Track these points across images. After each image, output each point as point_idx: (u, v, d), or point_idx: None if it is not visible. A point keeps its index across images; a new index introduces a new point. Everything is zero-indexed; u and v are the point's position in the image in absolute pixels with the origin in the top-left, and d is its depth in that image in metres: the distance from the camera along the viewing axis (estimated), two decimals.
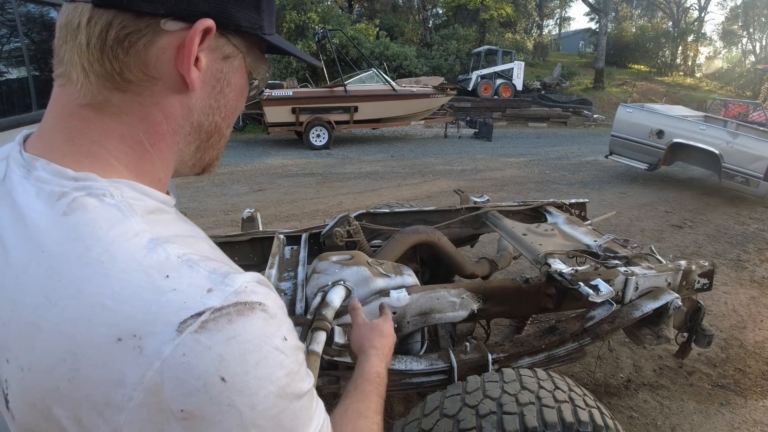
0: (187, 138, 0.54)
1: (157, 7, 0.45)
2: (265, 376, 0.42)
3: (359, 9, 26.72)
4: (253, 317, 0.42)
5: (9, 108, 1.69)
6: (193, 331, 0.39)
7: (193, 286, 0.41)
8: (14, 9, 1.78)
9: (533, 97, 18.66)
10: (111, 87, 0.47)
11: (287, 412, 0.44)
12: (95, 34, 0.45)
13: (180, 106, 0.51)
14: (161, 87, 0.49)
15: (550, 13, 39.81)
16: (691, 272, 2.05)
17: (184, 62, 0.48)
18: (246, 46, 0.54)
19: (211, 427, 0.39)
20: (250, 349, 0.41)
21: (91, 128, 0.48)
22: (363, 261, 1.80)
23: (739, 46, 36.99)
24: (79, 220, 0.43)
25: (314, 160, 9.76)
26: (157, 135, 0.51)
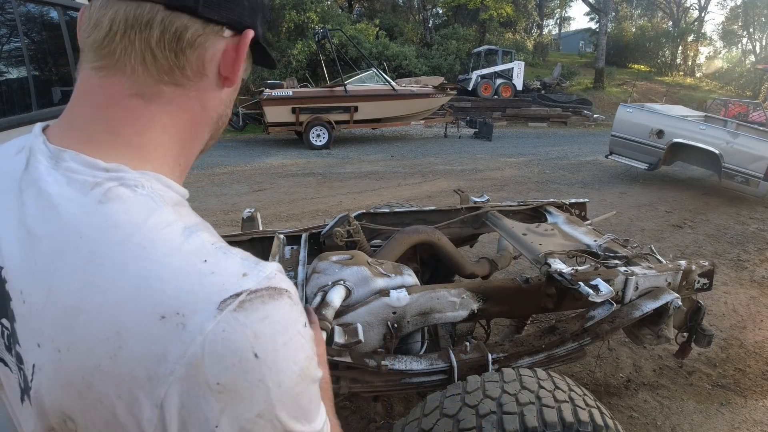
0: (210, 126, 0.60)
1: (220, 17, 0.52)
2: (290, 356, 0.45)
3: (359, 9, 26.72)
4: (282, 302, 0.46)
5: (9, 108, 1.69)
6: (232, 310, 0.42)
7: (229, 270, 0.45)
8: (14, 9, 1.78)
9: (533, 97, 18.66)
10: (167, 80, 0.51)
11: (305, 394, 0.47)
12: (170, 32, 0.49)
13: (215, 100, 0.57)
14: (206, 83, 0.54)
15: (550, 12, 39.81)
16: (691, 272, 2.05)
17: (236, 63, 0.55)
18: (249, 52, 0.60)
19: (243, 402, 0.42)
20: (280, 330, 0.44)
21: (136, 118, 0.51)
22: (363, 261, 1.80)
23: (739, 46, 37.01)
24: (117, 209, 0.46)
25: (314, 159, 9.76)
26: (193, 124, 0.56)
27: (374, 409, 2.40)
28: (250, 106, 11.59)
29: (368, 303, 1.68)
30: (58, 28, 2.14)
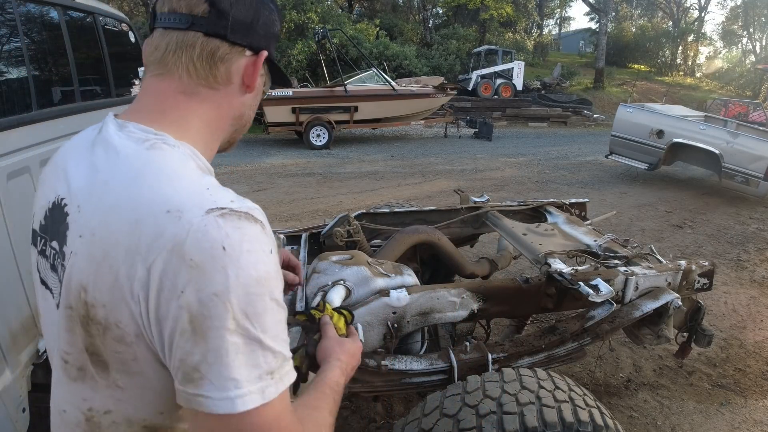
0: (233, 122, 0.79)
1: (243, 42, 0.72)
2: (252, 261, 0.59)
3: (359, 9, 26.71)
4: (255, 225, 0.62)
5: (9, 108, 1.69)
6: (215, 216, 0.58)
7: (222, 196, 0.63)
8: (14, 9, 1.78)
9: (533, 97, 18.65)
10: (204, 84, 0.72)
11: (261, 302, 0.59)
12: (206, 51, 0.70)
13: (239, 101, 0.77)
14: (232, 89, 0.75)
15: (550, 12, 39.78)
16: (691, 272, 2.05)
17: (253, 75, 0.75)
18: (267, 70, 0.82)
19: (205, 278, 0.56)
20: (247, 239, 0.59)
21: (181, 107, 0.72)
22: (363, 261, 1.80)
23: (739, 46, 36.99)
24: (158, 155, 0.65)
25: (314, 159, 9.76)
26: (221, 118, 0.76)
27: (374, 409, 2.40)
28: None
29: (368, 303, 1.68)
30: (58, 28, 2.13)
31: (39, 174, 1.84)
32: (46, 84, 2.00)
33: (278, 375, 0.60)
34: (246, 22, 0.72)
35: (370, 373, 1.66)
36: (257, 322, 0.58)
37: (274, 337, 0.61)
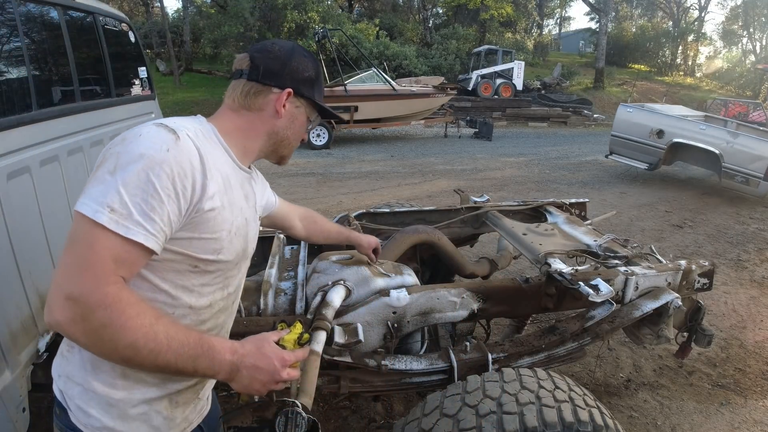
0: (268, 137, 1.08)
1: (270, 83, 1.03)
2: (144, 144, 0.84)
3: (359, 8, 26.70)
4: (171, 134, 0.87)
5: (9, 108, 1.69)
6: (154, 125, 0.89)
7: (175, 121, 0.93)
8: (14, 9, 1.78)
9: (533, 97, 18.64)
10: (244, 107, 1.04)
11: (133, 167, 0.82)
12: (245, 89, 1.03)
13: (270, 123, 1.06)
14: (264, 113, 1.04)
15: (550, 12, 39.78)
16: (691, 272, 2.05)
17: (278, 105, 1.04)
18: (307, 104, 1.10)
19: (120, 143, 0.86)
20: (154, 135, 0.86)
21: (224, 115, 1.05)
22: (363, 260, 1.80)
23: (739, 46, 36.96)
24: (193, 120, 0.99)
25: (314, 159, 9.76)
26: (253, 129, 1.05)
27: (374, 408, 2.40)
28: None
29: (368, 303, 1.68)
30: (58, 28, 2.13)
31: (39, 174, 1.84)
32: (46, 84, 1.99)
33: (117, 217, 0.79)
34: (274, 70, 1.03)
35: (370, 373, 1.66)
36: (121, 176, 0.81)
37: (132, 196, 0.80)
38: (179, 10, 25.75)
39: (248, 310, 1.72)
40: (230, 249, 1.00)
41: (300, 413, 0.92)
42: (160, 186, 0.82)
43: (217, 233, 0.94)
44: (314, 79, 1.09)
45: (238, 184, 1.04)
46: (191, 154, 0.88)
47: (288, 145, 1.12)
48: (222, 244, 0.96)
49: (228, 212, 0.97)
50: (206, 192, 0.89)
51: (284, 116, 1.05)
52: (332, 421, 2.34)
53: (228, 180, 0.98)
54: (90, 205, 0.80)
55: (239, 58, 1.07)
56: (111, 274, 0.79)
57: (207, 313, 1.02)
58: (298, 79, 1.05)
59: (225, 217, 0.96)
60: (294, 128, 1.09)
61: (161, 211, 0.82)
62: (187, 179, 0.86)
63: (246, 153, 1.06)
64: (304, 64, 1.07)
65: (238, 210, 1.02)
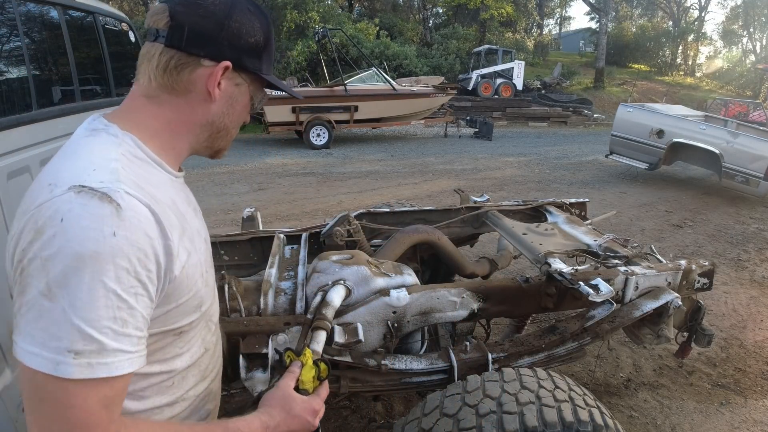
0: (203, 128, 0.83)
1: (200, 51, 0.77)
2: (81, 237, 0.62)
3: (359, 8, 26.69)
4: (107, 206, 0.64)
5: (9, 108, 1.69)
6: (73, 191, 0.64)
7: (97, 176, 0.67)
8: (14, 9, 1.78)
9: (533, 97, 18.63)
10: (165, 90, 0.78)
11: (77, 276, 0.61)
12: (163, 61, 0.76)
13: (203, 108, 0.81)
14: (194, 96, 0.79)
15: (551, 12, 39.76)
16: (691, 272, 2.05)
17: (211, 83, 0.78)
18: (250, 79, 0.84)
19: (39, 241, 0.63)
20: (88, 217, 0.63)
21: (142, 109, 0.79)
22: (363, 260, 1.80)
23: (739, 46, 36.95)
24: (90, 140, 0.75)
25: (314, 159, 9.76)
26: (183, 122, 0.81)
27: (374, 408, 2.40)
28: None
29: (368, 302, 1.68)
30: (59, 28, 2.13)
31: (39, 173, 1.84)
32: (46, 84, 1.99)
33: (86, 360, 0.60)
34: (205, 33, 0.76)
35: (370, 373, 1.66)
36: (67, 300, 0.60)
37: (90, 320, 0.61)
38: None
39: (248, 310, 1.72)
40: (208, 291, 0.85)
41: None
42: (123, 289, 0.63)
43: (192, 288, 0.78)
44: (263, 46, 0.82)
45: (185, 201, 0.84)
46: (144, 221, 0.67)
47: (226, 135, 0.87)
48: (200, 294, 0.81)
49: (195, 255, 0.79)
50: (172, 255, 0.71)
51: (220, 99, 0.80)
52: (332, 420, 2.34)
53: (177, 208, 0.78)
54: (42, 356, 0.59)
55: (155, 11, 0.77)
56: (107, 422, 0.64)
57: (205, 360, 0.89)
58: (240, 47, 0.78)
59: (194, 264, 0.78)
60: (233, 114, 0.84)
61: (134, 318, 0.65)
62: (150, 259, 0.67)
63: (177, 155, 0.83)
64: (249, 25, 0.79)
65: (198, 238, 0.83)
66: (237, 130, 0.90)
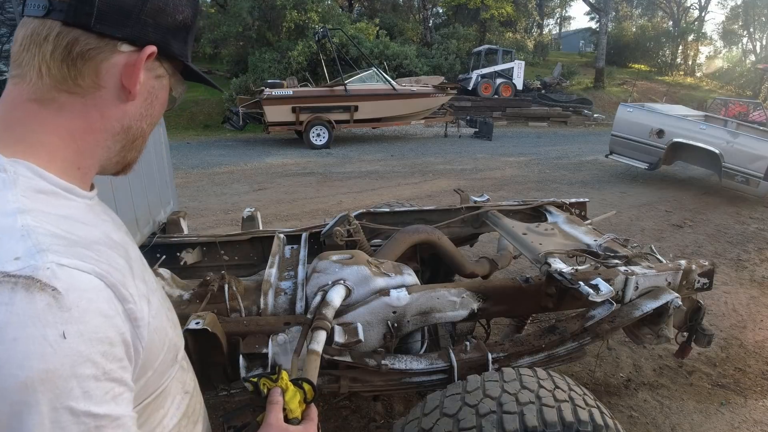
0: (116, 137, 0.63)
1: (116, 33, 0.57)
2: (15, 357, 0.42)
3: (359, 8, 26.70)
4: (36, 297, 0.44)
5: None
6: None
7: (9, 250, 0.46)
8: (14, 9, 1.78)
9: (533, 97, 18.64)
10: (61, 89, 0.57)
11: (28, 412, 0.42)
12: (61, 46, 0.55)
13: (117, 110, 0.61)
14: (104, 93, 0.59)
15: (551, 12, 39.77)
16: (691, 272, 2.05)
17: (132, 77, 0.59)
18: (172, 70, 0.67)
19: None
20: (14, 323, 0.43)
21: (31, 119, 0.57)
22: (363, 260, 1.80)
23: (739, 46, 36.98)
24: None
25: (314, 159, 9.76)
26: (89, 130, 0.60)
27: (374, 408, 2.40)
28: (251, 105, 11.58)
29: (368, 302, 1.68)
30: None
31: None
32: None
33: None
34: (122, 7, 0.56)
35: (370, 373, 1.66)
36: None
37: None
38: None
39: (248, 310, 1.72)
40: (177, 331, 0.71)
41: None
42: (97, 402, 0.47)
43: (164, 340, 0.63)
44: (190, 26, 0.65)
45: (112, 226, 0.65)
46: (95, 298, 0.49)
47: (142, 143, 0.67)
48: (173, 342, 0.67)
49: (152, 295, 0.62)
50: (137, 320, 0.55)
51: (140, 96, 0.61)
52: (332, 420, 2.34)
53: (113, 241, 0.60)
54: None
55: None
56: None
57: (191, 405, 0.76)
58: (167, 27, 0.61)
59: (156, 308, 0.61)
60: (152, 115, 0.66)
61: (123, 426, 0.50)
62: (117, 345, 0.50)
63: (83, 176, 0.61)
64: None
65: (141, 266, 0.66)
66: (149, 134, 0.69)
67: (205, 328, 1.45)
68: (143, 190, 2.21)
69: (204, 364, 1.57)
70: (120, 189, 1.94)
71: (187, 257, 2.30)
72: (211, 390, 1.65)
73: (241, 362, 1.53)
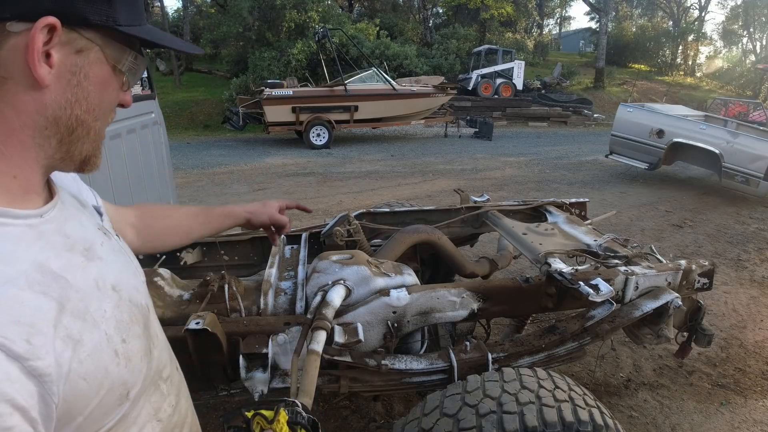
0: (43, 132, 0.53)
1: (2, 12, 0.47)
2: None
3: (359, 8, 26.70)
4: None
5: None
6: None
7: None
8: None
9: (533, 97, 18.64)
10: None
11: None
12: None
13: (32, 101, 0.51)
14: (12, 85, 0.50)
15: (551, 12, 39.77)
16: (691, 272, 2.05)
17: (32, 57, 0.48)
18: (102, 38, 0.54)
19: None
20: None
21: None
22: (363, 260, 1.80)
23: (739, 46, 36.98)
24: None
25: (314, 159, 9.76)
26: (8, 131, 0.51)
27: (374, 408, 2.40)
28: (250, 105, 11.59)
29: (368, 302, 1.68)
30: None
31: None
32: None
33: None
34: None
35: (370, 373, 1.66)
36: None
37: None
38: (179, 9, 25.75)
39: (248, 310, 1.72)
40: (136, 364, 0.60)
41: (300, 413, 0.91)
42: None
43: (104, 382, 0.53)
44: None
45: (64, 249, 0.55)
46: None
47: (87, 133, 0.57)
48: (122, 379, 0.56)
49: (91, 333, 0.52)
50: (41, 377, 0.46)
51: (54, 79, 0.51)
52: (332, 420, 2.34)
53: (49, 270, 0.51)
54: None
55: None
56: None
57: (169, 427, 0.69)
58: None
59: (92, 348, 0.52)
60: (88, 96, 0.55)
61: None
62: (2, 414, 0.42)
63: (25, 185, 0.54)
64: None
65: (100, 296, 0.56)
66: (106, 122, 0.59)
67: (205, 328, 1.45)
68: (143, 190, 2.21)
69: (204, 364, 1.57)
70: (120, 189, 1.94)
71: (187, 257, 2.30)
72: (211, 390, 1.65)
73: (241, 362, 1.53)
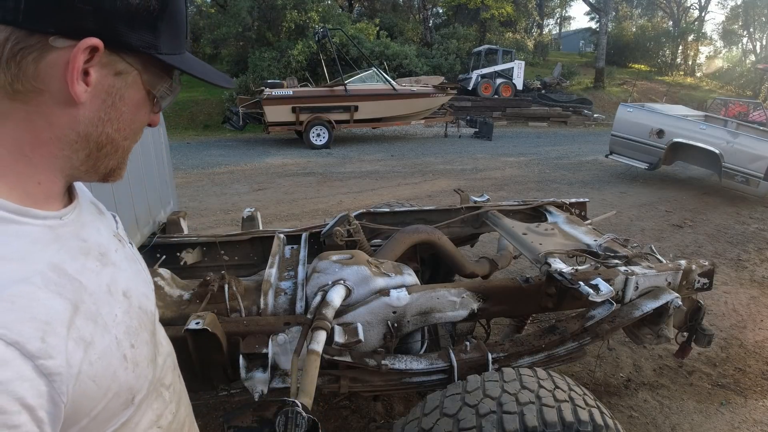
0: (73, 146, 0.56)
1: (47, 26, 0.48)
2: None
3: (359, 8, 26.70)
4: None
5: None
6: None
7: None
8: None
9: (533, 97, 18.64)
10: (2, 95, 0.50)
11: None
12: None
13: (66, 116, 0.53)
14: (47, 97, 0.51)
15: (551, 12, 39.79)
16: (691, 272, 2.05)
17: (71, 76, 0.50)
18: (142, 64, 0.57)
19: None
20: None
21: None
22: (363, 260, 1.80)
23: (739, 46, 36.98)
24: None
25: (314, 159, 9.76)
26: (38, 141, 0.53)
27: (374, 408, 2.40)
28: (251, 105, 11.59)
29: (368, 302, 1.68)
30: None
31: None
32: None
33: None
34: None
35: (370, 373, 1.66)
36: None
37: None
38: None
39: (248, 310, 1.72)
40: (143, 370, 0.62)
41: (300, 413, 0.90)
42: None
43: (111, 386, 0.55)
44: (158, 10, 0.55)
45: (79, 252, 0.57)
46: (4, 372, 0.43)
47: (115, 151, 0.60)
48: (128, 385, 0.58)
49: (102, 337, 0.55)
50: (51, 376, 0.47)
51: (91, 98, 0.53)
52: (332, 420, 2.34)
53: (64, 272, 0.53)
54: None
55: None
56: None
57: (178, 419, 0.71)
58: (115, 13, 0.51)
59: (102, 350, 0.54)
60: (121, 117, 0.58)
61: None
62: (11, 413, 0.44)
63: (48, 191, 0.56)
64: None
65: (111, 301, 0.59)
66: (136, 139, 0.62)
67: (205, 328, 1.45)
68: (143, 190, 2.21)
69: (204, 364, 1.57)
70: (120, 189, 1.94)
71: (187, 257, 2.30)
72: (211, 390, 1.65)
73: (241, 362, 1.53)
